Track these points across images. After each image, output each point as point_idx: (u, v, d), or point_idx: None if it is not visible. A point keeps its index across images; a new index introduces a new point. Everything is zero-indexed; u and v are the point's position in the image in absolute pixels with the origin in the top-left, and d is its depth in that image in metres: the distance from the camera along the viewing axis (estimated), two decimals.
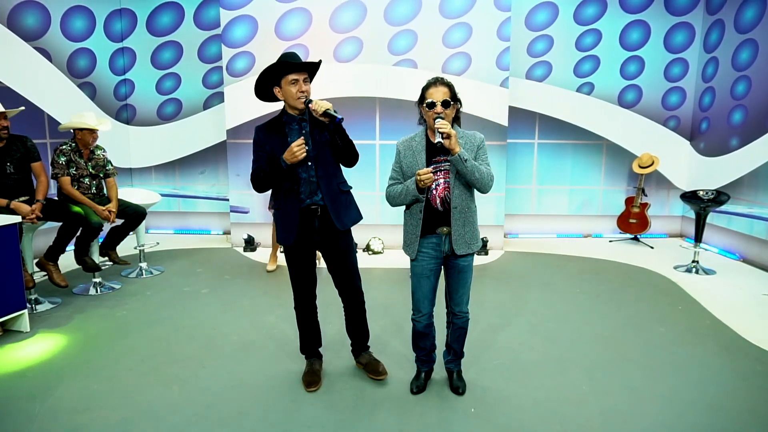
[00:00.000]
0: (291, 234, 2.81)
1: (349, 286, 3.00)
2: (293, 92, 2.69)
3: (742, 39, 5.85)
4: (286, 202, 2.81)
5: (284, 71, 2.68)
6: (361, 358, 3.17)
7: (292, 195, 2.79)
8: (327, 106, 2.61)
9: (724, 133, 6.14)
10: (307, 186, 2.79)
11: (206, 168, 7.10)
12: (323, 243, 2.89)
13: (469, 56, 6.03)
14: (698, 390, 2.95)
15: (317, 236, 2.85)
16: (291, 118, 2.79)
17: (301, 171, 2.77)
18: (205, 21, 6.76)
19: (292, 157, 2.63)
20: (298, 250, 2.87)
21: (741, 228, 5.87)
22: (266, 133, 2.80)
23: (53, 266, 4.33)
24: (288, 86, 2.69)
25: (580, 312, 4.19)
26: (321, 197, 2.80)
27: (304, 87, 2.70)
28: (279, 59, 2.71)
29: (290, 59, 2.70)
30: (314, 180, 2.79)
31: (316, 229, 2.84)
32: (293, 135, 2.76)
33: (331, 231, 2.86)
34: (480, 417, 2.68)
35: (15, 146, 4.13)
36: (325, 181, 2.81)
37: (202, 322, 3.95)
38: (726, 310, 4.20)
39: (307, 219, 2.81)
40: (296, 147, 2.62)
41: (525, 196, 7.02)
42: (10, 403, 2.80)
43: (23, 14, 5.54)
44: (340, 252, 2.92)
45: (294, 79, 2.68)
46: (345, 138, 2.74)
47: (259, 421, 2.65)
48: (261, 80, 2.75)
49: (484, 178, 2.58)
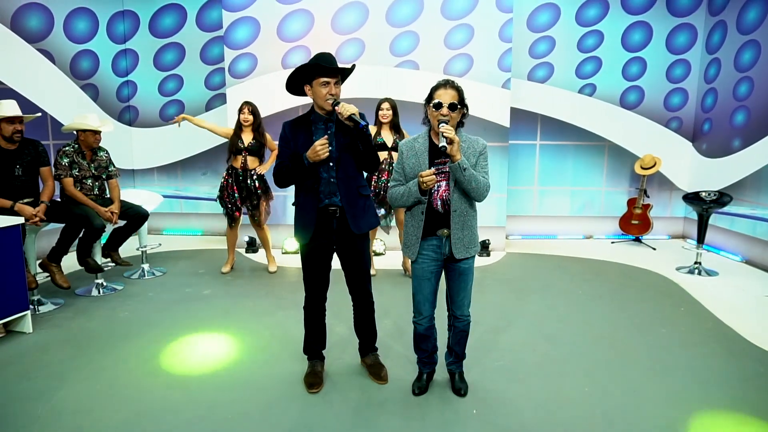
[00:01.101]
0: (308, 232, 2.84)
1: (360, 288, 3.03)
2: (323, 93, 2.73)
3: (745, 40, 5.85)
4: (306, 199, 2.84)
5: (317, 72, 2.72)
6: (366, 359, 3.18)
7: (312, 193, 2.82)
8: (353, 111, 2.66)
9: (727, 134, 6.13)
10: (327, 186, 2.82)
11: (208, 169, 7.11)
12: (340, 244, 2.91)
13: (470, 57, 6.03)
14: (700, 391, 2.94)
15: (334, 237, 2.88)
16: (318, 117, 2.83)
17: (322, 170, 2.80)
18: (208, 22, 6.77)
19: (315, 156, 2.67)
20: (314, 249, 2.89)
21: (743, 229, 5.86)
22: (293, 130, 2.84)
23: (56, 267, 4.34)
24: (319, 87, 2.73)
25: (581, 313, 4.19)
26: (339, 198, 2.83)
27: (335, 90, 2.75)
28: (313, 59, 2.75)
29: (324, 62, 2.73)
30: (334, 181, 2.81)
31: (333, 230, 2.87)
32: (319, 134, 2.79)
33: (348, 233, 2.88)
34: (482, 419, 2.68)
35: (27, 150, 4.19)
36: (345, 183, 2.83)
37: (204, 324, 3.95)
38: (728, 312, 4.19)
39: (325, 219, 2.84)
40: (319, 146, 2.66)
41: (527, 198, 7.02)
42: (13, 404, 2.81)
43: (26, 16, 5.57)
44: (356, 254, 2.95)
45: (325, 81, 2.72)
46: (367, 143, 2.78)
47: (260, 422, 2.65)
48: (294, 76, 2.80)
49: (480, 188, 2.59)
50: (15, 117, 4.04)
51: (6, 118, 4.00)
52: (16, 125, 4.05)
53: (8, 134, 4.02)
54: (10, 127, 4.02)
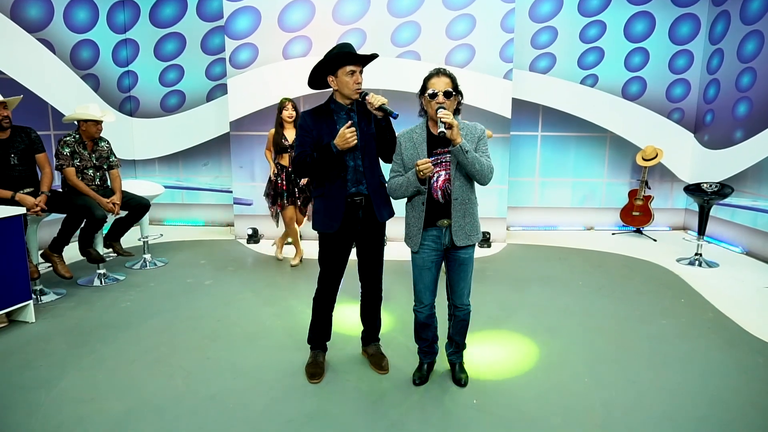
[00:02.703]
0: (336, 221, 2.83)
1: (373, 277, 3.06)
2: (350, 83, 2.72)
3: (748, 30, 5.81)
4: (332, 188, 2.82)
5: (343, 62, 2.71)
6: (368, 348, 3.20)
7: (339, 181, 2.81)
8: (383, 101, 2.66)
9: (729, 125, 6.11)
10: (354, 174, 2.82)
11: (209, 160, 7.11)
12: (363, 234, 2.93)
13: (472, 48, 6.00)
14: (700, 382, 2.95)
15: (359, 226, 2.89)
16: (340, 107, 2.82)
17: (349, 159, 2.80)
18: (208, 12, 6.74)
19: (344, 143, 2.65)
20: (339, 238, 2.89)
21: (744, 221, 5.86)
22: (314, 119, 2.81)
23: (58, 257, 4.35)
24: (345, 77, 2.72)
25: (582, 304, 4.20)
26: (366, 186, 2.84)
27: (360, 79, 2.74)
28: (336, 49, 2.74)
29: (348, 50, 2.72)
30: (361, 169, 2.82)
31: (359, 219, 2.87)
32: (341, 123, 2.77)
33: (372, 222, 2.90)
34: (482, 409, 2.69)
35: (19, 137, 4.15)
36: (370, 171, 2.85)
37: (206, 314, 3.97)
38: (729, 303, 4.20)
39: (352, 208, 2.84)
40: (349, 133, 2.64)
41: (528, 189, 7.02)
42: (16, 393, 2.83)
43: (26, 5, 5.54)
44: (375, 243, 2.98)
45: (351, 70, 2.71)
46: (393, 134, 2.79)
47: (261, 412, 2.67)
48: (318, 69, 2.78)
49: (484, 170, 2.59)
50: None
51: None
52: (2, 111, 3.97)
53: None
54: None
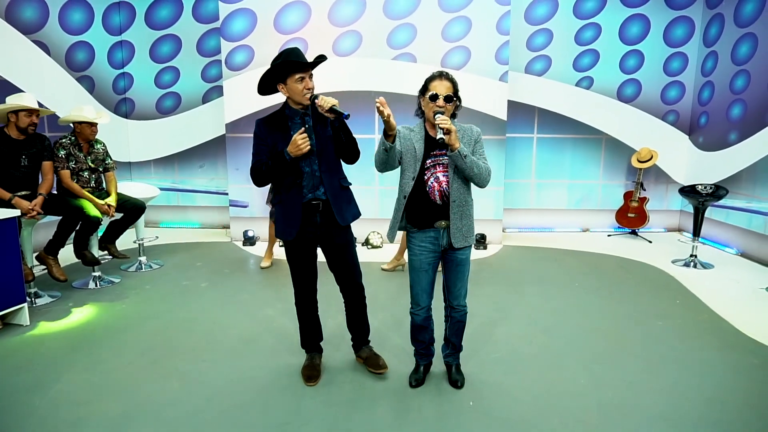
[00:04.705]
0: (293, 228, 2.80)
1: (349, 282, 2.99)
2: (299, 89, 2.69)
3: (742, 33, 5.85)
4: (288, 195, 2.80)
5: (291, 70, 2.68)
6: (361, 353, 3.17)
7: (295, 189, 2.78)
8: (333, 103, 2.61)
9: (723, 127, 6.14)
10: (311, 180, 2.79)
11: (205, 162, 7.10)
12: (324, 238, 2.88)
13: (468, 50, 6.02)
14: (696, 383, 2.96)
15: (319, 231, 2.85)
16: (294, 112, 2.79)
17: (304, 165, 2.76)
18: (204, 14, 6.74)
19: (297, 150, 2.63)
20: (299, 244, 2.86)
21: (739, 222, 5.89)
22: (267, 127, 2.79)
23: (53, 260, 4.34)
24: (294, 84, 2.69)
25: (578, 306, 4.21)
26: (323, 191, 2.80)
27: (310, 84, 2.71)
28: (283, 57, 2.70)
29: (295, 57, 2.69)
30: (318, 174, 2.79)
31: (318, 224, 2.83)
32: (296, 129, 2.74)
33: (333, 226, 2.85)
34: (478, 410, 2.69)
35: (34, 142, 4.25)
36: (328, 175, 2.80)
37: (202, 316, 3.96)
38: (724, 304, 4.21)
39: (309, 214, 2.80)
40: (300, 139, 2.62)
41: (524, 191, 7.03)
42: (11, 396, 2.81)
43: (21, 7, 5.52)
44: (341, 247, 2.92)
45: (300, 77, 2.68)
46: (349, 134, 2.74)
47: (258, 414, 2.66)
48: (265, 79, 2.75)
49: (482, 173, 2.60)
50: (33, 110, 4.13)
51: (26, 109, 4.09)
52: (33, 118, 4.15)
53: (24, 125, 4.11)
54: (28, 120, 4.12)
